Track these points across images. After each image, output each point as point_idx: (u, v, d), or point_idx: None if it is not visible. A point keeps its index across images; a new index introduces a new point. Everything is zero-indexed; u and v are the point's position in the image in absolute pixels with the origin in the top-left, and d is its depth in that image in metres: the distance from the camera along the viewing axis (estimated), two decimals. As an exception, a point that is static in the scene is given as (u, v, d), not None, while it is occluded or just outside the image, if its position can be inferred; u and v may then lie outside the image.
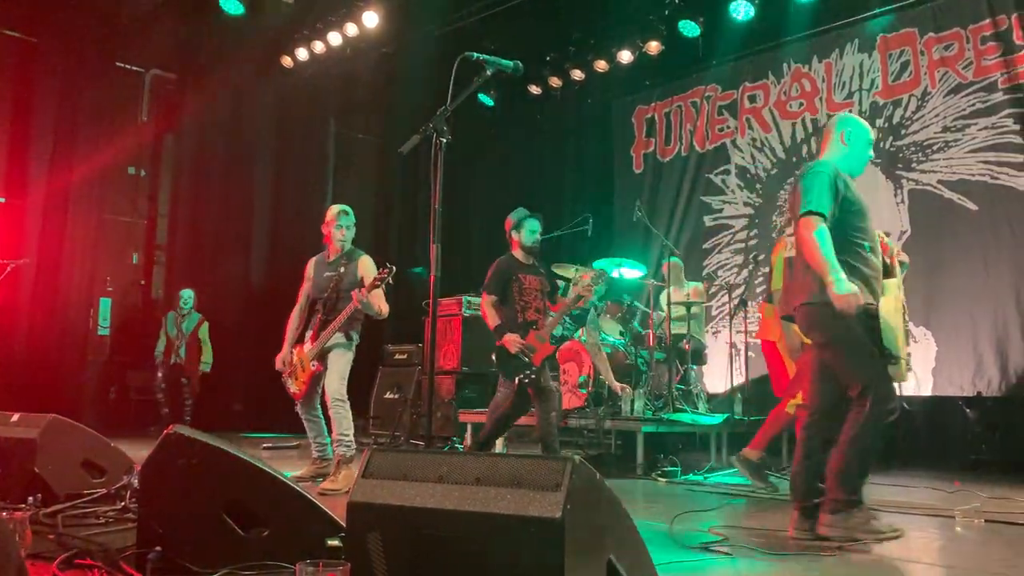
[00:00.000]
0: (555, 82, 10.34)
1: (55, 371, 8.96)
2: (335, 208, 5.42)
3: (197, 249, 10.37)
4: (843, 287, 3.30)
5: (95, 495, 3.57)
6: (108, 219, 10.18)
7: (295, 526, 2.63)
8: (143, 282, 10.76)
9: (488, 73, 3.14)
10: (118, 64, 10.14)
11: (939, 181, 7.78)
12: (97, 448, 3.87)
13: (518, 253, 5.65)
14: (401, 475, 1.90)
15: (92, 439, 3.88)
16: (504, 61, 3.13)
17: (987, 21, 7.56)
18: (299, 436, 6.99)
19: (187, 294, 9.32)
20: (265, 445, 7.85)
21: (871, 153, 3.84)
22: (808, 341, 4.43)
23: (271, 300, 10.70)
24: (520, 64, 3.16)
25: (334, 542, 2.65)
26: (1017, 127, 7.30)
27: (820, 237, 3.39)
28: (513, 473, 1.81)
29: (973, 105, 7.60)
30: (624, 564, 1.96)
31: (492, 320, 5.45)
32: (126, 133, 10.11)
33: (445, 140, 2.91)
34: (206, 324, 9.37)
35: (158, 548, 2.51)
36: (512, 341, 5.33)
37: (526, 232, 5.63)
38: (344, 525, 2.69)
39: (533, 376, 5.35)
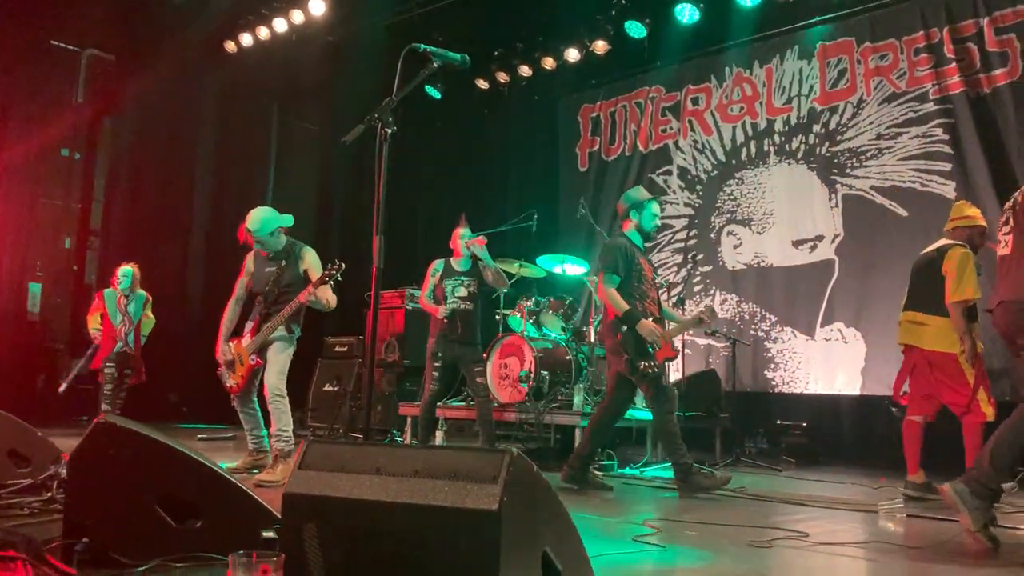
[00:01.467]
0: (502, 77, 10.36)
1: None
2: (245, 228, 5.15)
3: (133, 235, 10.11)
4: None
5: (19, 486, 3.47)
6: (41, 202, 9.87)
7: (230, 518, 2.60)
8: (75, 267, 10.46)
9: (435, 65, 3.13)
10: (53, 43, 9.82)
11: (872, 187, 8.02)
12: (23, 437, 3.75)
13: (634, 237, 5.28)
14: (338, 467, 1.90)
15: (18, 428, 3.76)
16: (451, 54, 3.13)
17: (920, 33, 7.82)
18: (235, 428, 6.90)
19: (126, 272, 7.89)
20: (200, 436, 7.73)
21: None
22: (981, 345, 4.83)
23: (209, 290, 10.53)
24: (467, 58, 3.16)
25: (269, 534, 2.62)
26: (946, 137, 7.57)
27: None
28: (451, 465, 1.83)
29: (906, 114, 7.85)
30: (559, 556, 1.99)
31: (620, 304, 4.98)
32: (61, 114, 9.81)
33: (391, 131, 2.90)
34: (151, 302, 8.16)
35: (85, 539, 2.46)
36: (650, 330, 4.95)
37: (647, 215, 5.27)
38: (277, 515, 2.69)
39: (656, 371, 4.99)
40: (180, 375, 9.85)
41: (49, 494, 3.37)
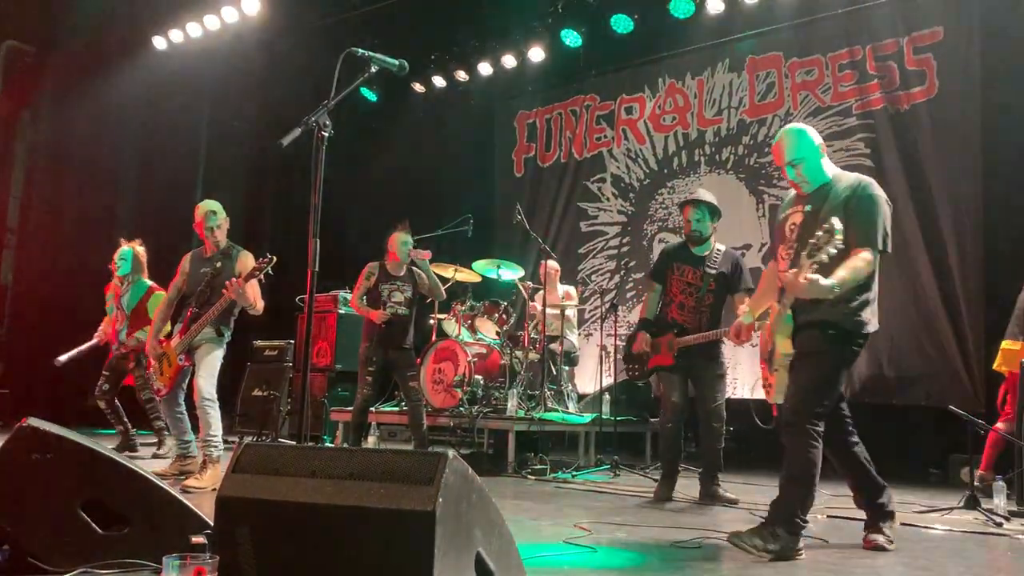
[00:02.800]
0: (439, 81, 10.37)
1: None
2: (202, 208, 5.19)
3: (54, 234, 9.79)
4: None
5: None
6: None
7: (158, 523, 2.56)
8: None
9: (373, 70, 3.13)
10: (-31, 32, 9.47)
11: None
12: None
13: (685, 242, 5.32)
14: (272, 470, 1.89)
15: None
16: (390, 60, 3.14)
17: (844, 50, 8.10)
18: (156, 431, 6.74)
19: (124, 253, 6.72)
20: (140, 442, 7.49)
21: None
22: None
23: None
24: (405, 64, 3.17)
25: (199, 539, 2.59)
26: (868, 151, 7.86)
27: None
28: (386, 468, 1.84)
29: (830, 128, 8.12)
30: (492, 557, 2.02)
31: (643, 309, 5.34)
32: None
33: (327, 134, 2.89)
34: (161, 295, 6.19)
35: (5, 547, 2.39)
36: (631, 338, 5.32)
37: (685, 219, 5.27)
38: (210, 522, 2.65)
39: (636, 375, 5.32)
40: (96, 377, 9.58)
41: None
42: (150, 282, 6.77)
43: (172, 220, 9.95)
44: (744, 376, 8.33)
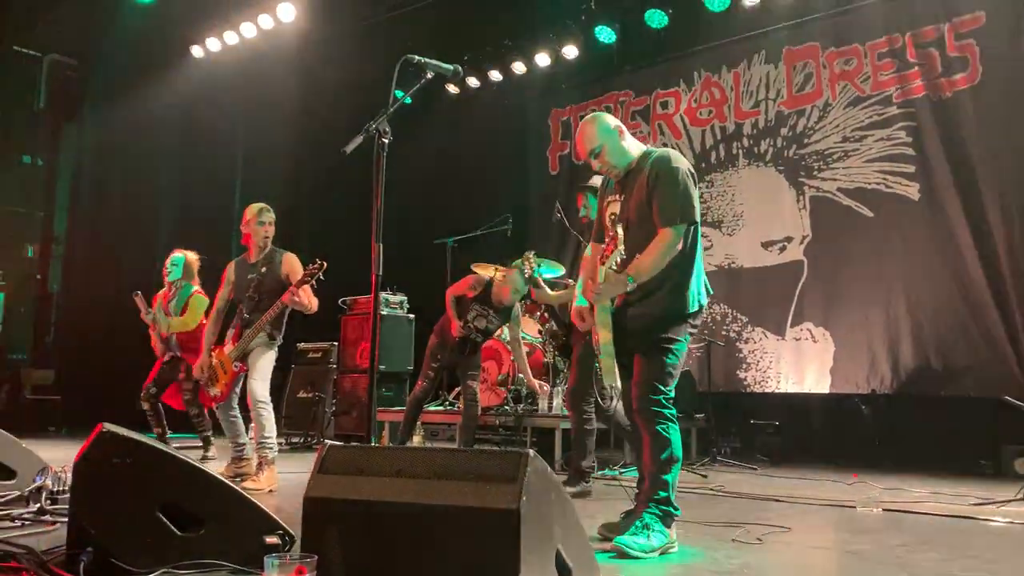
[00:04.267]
0: (473, 82, 10.40)
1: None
2: (255, 207, 5.29)
3: (98, 243, 9.97)
4: None
5: (7, 497, 3.44)
6: (1, 210, 9.71)
7: (231, 524, 2.61)
8: (39, 276, 10.29)
9: (428, 76, 3.17)
10: (14, 48, 9.67)
11: (838, 189, 8.19)
12: (7, 449, 3.71)
13: None
14: (357, 470, 1.93)
15: (1, 439, 3.72)
16: (445, 65, 3.17)
17: (883, 38, 8.01)
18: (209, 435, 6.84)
19: (176, 259, 6.79)
20: (174, 446, 7.62)
21: None
22: None
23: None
24: (459, 68, 3.20)
25: (272, 539, 2.65)
26: (910, 140, 7.76)
27: None
28: (469, 466, 1.86)
29: (870, 117, 8.03)
30: (570, 554, 2.04)
31: None
32: (22, 120, 9.65)
33: (388, 140, 2.93)
34: (203, 298, 6.66)
35: (89, 549, 2.45)
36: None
37: None
38: (279, 522, 2.70)
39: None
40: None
41: (38, 505, 3.34)
42: (196, 287, 6.82)
43: (211, 227, 10.12)
44: (787, 371, 8.28)
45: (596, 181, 4.93)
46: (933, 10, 7.73)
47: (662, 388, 3.35)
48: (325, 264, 4.77)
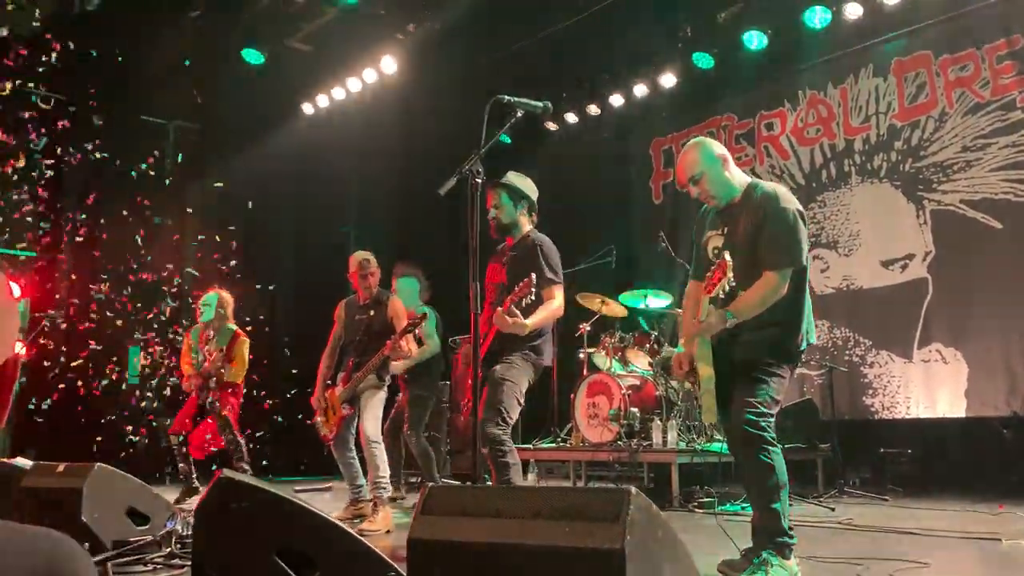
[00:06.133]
0: (571, 118, 10.47)
1: (90, 420, 9.10)
2: (356, 257, 5.51)
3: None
4: None
5: (141, 542, 3.61)
6: (135, 269, 10.34)
7: (346, 568, 2.64)
8: (173, 331, 10.87)
9: (519, 114, 3.21)
10: (142, 117, 10.38)
11: (961, 201, 7.77)
12: (141, 495, 3.91)
13: None
14: (459, 511, 1.92)
15: (136, 486, 3.92)
16: (534, 102, 3.20)
17: (1002, 40, 7.59)
18: (328, 478, 7.03)
19: (209, 299, 6.77)
20: (297, 488, 7.85)
21: None
22: None
23: (296, 346, 10.82)
24: (549, 105, 3.23)
25: (387, 582, 2.67)
26: (1038, 144, 7.30)
27: None
28: (570, 505, 1.83)
29: (992, 124, 7.61)
30: (682, 595, 1.97)
31: None
32: (151, 185, 10.32)
33: (481, 181, 2.97)
34: (246, 341, 6.78)
35: (211, 593, 2.53)
36: None
37: None
38: (392, 564, 2.72)
39: None
40: (273, 430, 10.13)
41: (169, 549, 3.49)
42: (235, 326, 6.79)
43: (328, 273, 10.48)
44: (917, 395, 7.83)
45: (511, 178, 4.65)
46: (1055, 6, 7.30)
47: (766, 411, 3.23)
48: (426, 314, 4.92)
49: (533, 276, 3.77)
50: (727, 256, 3.19)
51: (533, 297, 3.76)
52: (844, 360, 8.26)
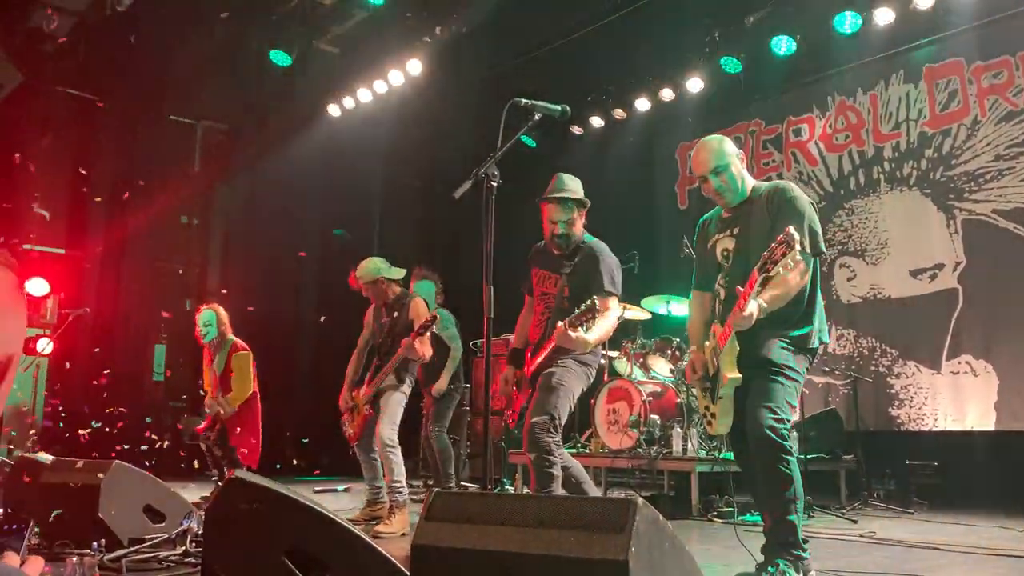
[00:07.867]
0: (596, 122, 10.43)
1: (113, 418, 9.16)
2: (354, 274, 5.53)
3: (249, 295, 10.56)
4: None
5: (157, 540, 3.63)
6: (161, 267, 10.46)
7: (357, 570, 2.63)
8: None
9: (536, 118, 3.19)
10: (171, 117, 10.49)
11: (994, 210, 7.63)
12: (158, 493, 3.94)
13: None
14: (464, 518, 1.90)
15: (153, 484, 3.94)
16: (552, 106, 3.18)
17: (1037, 46, 7.46)
18: (347, 479, 7.04)
19: (206, 318, 6.45)
20: (316, 488, 7.89)
21: None
22: None
23: (319, 345, 10.88)
24: (567, 108, 3.20)
25: (395, 586, 2.65)
26: (1073, 153, 7.15)
27: None
28: (575, 515, 1.80)
29: (1026, 132, 7.47)
30: (690, 607, 1.93)
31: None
32: (179, 183, 10.42)
33: (496, 184, 2.95)
34: (246, 354, 6.43)
35: (217, 594, 2.53)
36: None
37: None
38: (402, 569, 2.70)
39: None
40: (296, 430, 10.18)
41: (184, 547, 3.51)
42: (234, 338, 6.47)
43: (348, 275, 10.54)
44: (945, 407, 7.69)
45: (571, 185, 4.76)
46: (1092, 12, 7.14)
47: (784, 416, 3.17)
48: (437, 317, 4.95)
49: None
50: (792, 232, 2.95)
51: (586, 307, 3.70)
52: (870, 370, 8.13)
